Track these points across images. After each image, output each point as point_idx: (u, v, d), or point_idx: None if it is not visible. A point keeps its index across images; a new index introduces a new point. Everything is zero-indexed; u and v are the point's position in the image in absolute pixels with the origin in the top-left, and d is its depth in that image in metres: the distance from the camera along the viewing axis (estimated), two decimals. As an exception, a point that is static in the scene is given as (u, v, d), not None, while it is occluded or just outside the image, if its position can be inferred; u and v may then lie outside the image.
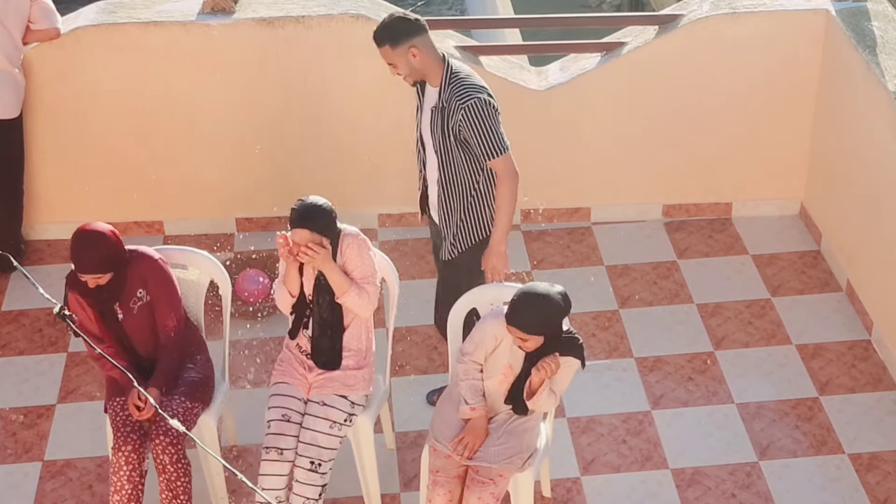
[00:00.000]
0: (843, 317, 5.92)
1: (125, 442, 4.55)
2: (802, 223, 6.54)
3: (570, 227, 6.57)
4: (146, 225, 6.52)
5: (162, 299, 4.64)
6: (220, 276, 4.93)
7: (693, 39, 6.14)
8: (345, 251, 4.60)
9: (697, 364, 5.66)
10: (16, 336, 5.91)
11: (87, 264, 4.46)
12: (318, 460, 4.54)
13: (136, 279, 4.59)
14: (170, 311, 4.65)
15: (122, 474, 4.54)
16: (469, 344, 4.51)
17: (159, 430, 4.57)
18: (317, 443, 4.55)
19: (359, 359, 4.70)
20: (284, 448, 4.56)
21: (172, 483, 4.59)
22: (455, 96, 4.67)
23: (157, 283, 4.64)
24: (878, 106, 5.55)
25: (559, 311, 4.26)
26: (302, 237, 4.48)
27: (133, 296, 4.60)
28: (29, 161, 6.29)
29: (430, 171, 4.91)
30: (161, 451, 4.57)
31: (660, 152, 6.43)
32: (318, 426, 4.58)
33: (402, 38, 4.63)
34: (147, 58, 6.09)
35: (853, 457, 5.16)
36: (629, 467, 5.15)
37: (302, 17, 6.04)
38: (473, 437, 4.42)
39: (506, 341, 4.39)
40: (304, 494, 4.55)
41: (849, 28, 5.88)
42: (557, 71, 6.43)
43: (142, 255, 4.65)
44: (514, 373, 4.39)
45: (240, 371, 5.66)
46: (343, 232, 4.62)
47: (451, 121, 4.69)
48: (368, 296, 4.59)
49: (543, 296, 4.23)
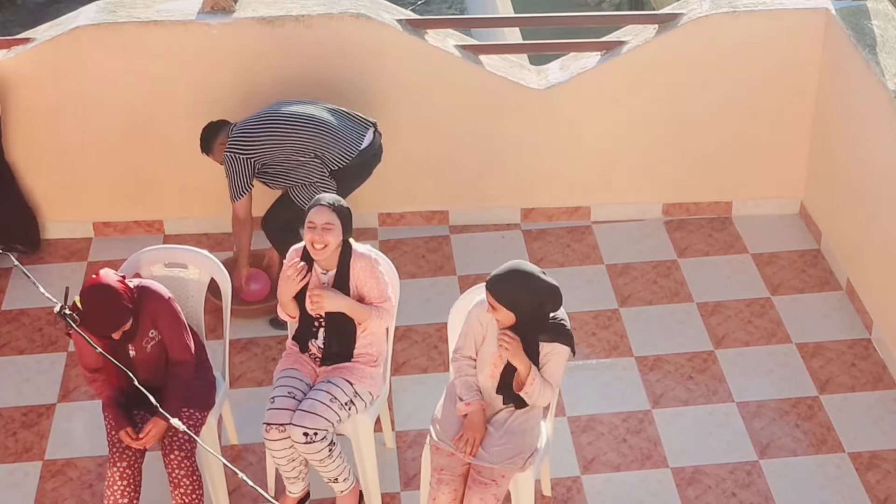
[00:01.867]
0: (843, 315, 5.92)
1: (120, 458, 4.52)
2: (802, 222, 6.54)
3: (570, 226, 6.57)
4: (146, 224, 6.52)
5: (175, 340, 4.57)
6: (220, 275, 4.93)
7: (693, 38, 6.14)
8: (357, 274, 4.65)
9: (697, 363, 5.66)
10: (16, 335, 5.91)
11: (110, 323, 4.32)
12: (314, 429, 4.52)
13: (147, 320, 4.52)
14: (183, 349, 4.59)
15: (116, 489, 4.52)
16: (459, 338, 4.55)
17: (173, 446, 4.55)
18: (314, 410, 4.54)
19: (370, 360, 4.73)
20: (286, 424, 4.56)
21: (188, 497, 4.58)
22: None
23: (168, 323, 4.55)
24: (878, 105, 5.55)
25: (536, 294, 4.25)
26: (320, 215, 4.56)
27: (146, 335, 4.54)
28: (29, 160, 6.29)
29: None
30: (176, 465, 4.55)
31: (660, 151, 6.43)
32: (319, 396, 4.60)
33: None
34: (147, 57, 6.09)
35: (853, 455, 5.16)
36: (629, 466, 5.15)
37: (302, 16, 6.04)
38: (472, 433, 4.42)
39: (491, 328, 4.40)
40: (315, 459, 4.59)
41: (849, 27, 5.88)
42: (557, 70, 6.43)
43: (151, 294, 4.53)
44: (503, 362, 4.40)
45: (239, 370, 5.67)
46: (354, 251, 4.65)
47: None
48: (387, 312, 4.70)
49: (527, 274, 4.25)
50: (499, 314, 4.29)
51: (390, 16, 6.19)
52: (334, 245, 4.59)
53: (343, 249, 4.64)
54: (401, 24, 6.13)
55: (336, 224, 4.57)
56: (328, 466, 4.63)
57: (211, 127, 5.72)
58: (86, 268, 6.30)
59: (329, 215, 4.56)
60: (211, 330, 5.59)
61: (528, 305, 4.26)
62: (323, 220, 4.55)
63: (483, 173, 6.42)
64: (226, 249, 6.39)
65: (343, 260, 4.65)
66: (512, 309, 4.26)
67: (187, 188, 6.45)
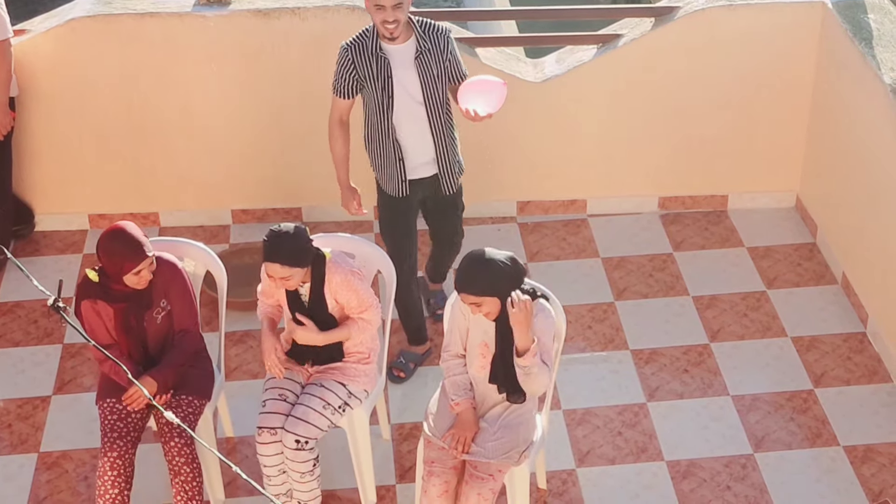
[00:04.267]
0: (838, 309, 5.92)
1: (112, 447, 4.52)
2: (798, 216, 6.55)
3: (565, 220, 6.57)
4: (142, 216, 6.51)
5: (184, 310, 4.61)
6: (215, 268, 4.92)
7: (689, 32, 6.14)
8: (333, 286, 4.58)
9: (693, 356, 5.66)
10: (11, 327, 5.90)
11: (136, 254, 4.37)
12: (305, 437, 4.53)
13: (159, 289, 4.55)
14: (190, 319, 4.63)
15: (107, 479, 4.51)
16: (446, 335, 4.54)
17: (173, 433, 4.54)
18: (306, 418, 4.54)
19: (362, 357, 4.72)
20: (278, 427, 4.56)
21: (188, 484, 4.57)
22: (434, 33, 5.01)
23: (179, 293, 4.60)
24: (875, 98, 5.55)
25: (505, 271, 4.25)
26: (274, 271, 4.45)
27: (157, 305, 4.57)
28: (24, 152, 6.28)
29: (414, 131, 5.07)
30: (176, 452, 4.55)
31: (656, 144, 6.43)
32: (312, 403, 4.59)
33: None
34: (143, 49, 6.08)
35: (848, 449, 5.16)
36: (624, 459, 5.15)
37: (298, 8, 6.03)
38: (462, 431, 4.41)
39: (473, 318, 4.40)
40: (298, 470, 4.58)
41: (845, 20, 5.88)
42: (554, 63, 6.43)
43: (164, 263, 4.58)
44: (490, 351, 4.39)
45: (234, 362, 5.66)
46: (328, 262, 4.56)
47: (444, 55, 5.00)
48: (368, 322, 4.63)
49: (487, 259, 4.25)
50: (484, 307, 4.27)
51: (387, 8, 6.17)
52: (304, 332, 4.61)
53: (315, 263, 4.55)
54: (397, 16, 6.12)
55: (290, 271, 4.45)
56: (306, 484, 4.62)
57: None
58: (81, 260, 6.30)
59: (282, 269, 4.44)
60: (206, 322, 5.59)
61: (503, 282, 4.24)
62: (278, 274, 4.45)
63: (479, 166, 6.41)
64: (221, 242, 6.39)
65: (316, 274, 4.57)
66: (493, 294, 4.24)
67: (183, 180, 6.44)
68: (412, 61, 4.98)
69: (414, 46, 4.97)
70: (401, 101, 5.01)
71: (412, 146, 5.11)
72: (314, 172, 6.29)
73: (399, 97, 5.01)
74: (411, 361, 5.53)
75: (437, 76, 5.01)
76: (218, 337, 5.02)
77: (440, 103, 5.07)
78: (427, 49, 4.97)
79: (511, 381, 4.37)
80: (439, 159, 5.17)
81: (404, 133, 5.08)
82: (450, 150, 5.18)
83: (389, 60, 4.97)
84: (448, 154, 5.17)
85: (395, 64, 4.97)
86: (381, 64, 4.96)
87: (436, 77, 5.01)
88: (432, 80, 5.01)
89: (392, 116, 5.03)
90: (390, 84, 4.98)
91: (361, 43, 4.99)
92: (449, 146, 5.17)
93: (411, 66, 4.98)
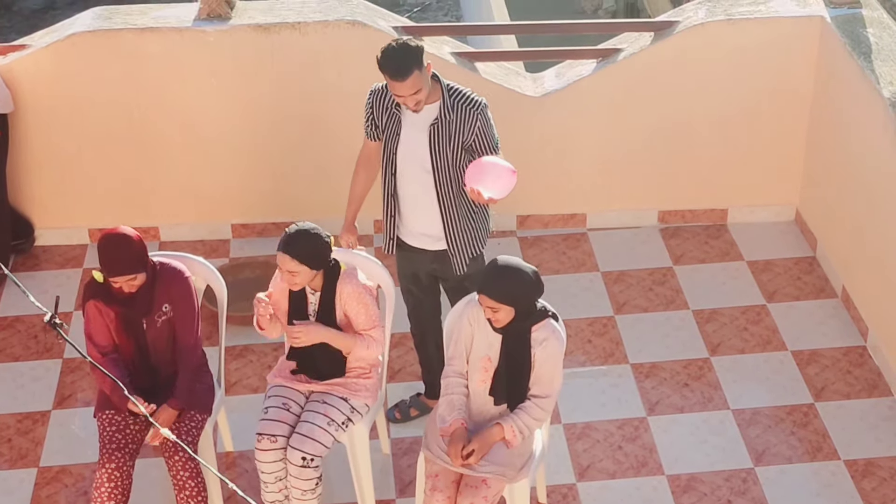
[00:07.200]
0: (838, 323, 5.92)
1: (109, 459, 4.51)
2: (798, 229, 6.55)
3: (565, 234, 6.57)
4: (141, 231, 6.45)
5: (187, 318, 4.61)
6: (215, 282, 4.93)
7: (688, 46, 6.15)
8: (344, 298, 4.60)
9: (693, 370, 5.66)
10: (11, 342, 5.90)
11: (121, 265, 4.41)
12: (311, 455, 4.52)
13: (163, 294, 4.56)
14: (192, 330, 4.63)
15: (104, 490, 4.50)
16: (451, 345, 4.55)
17: (177, 447, 4.53)
18: (312, 435, 4.54)
19: (363, 372, 4.72)
20: (278, 435, 4.56)
21: (194, 499, 4.57)
22: (464, 104, 4.66)
23: (184, 301, 4.60)
24: (874, 112, 5.56)
25: (530, 284, 4.30)
26: (284, 261, 4.48)
27: (159, 310, 4.58)
28: (24, 166, 6.29)
29: (419, 196, 4.81)
30: (181, 467, 4.54)
31: (655, 158, 6.44)
32: (317, 420, 4.58)
33: (422, 59, 4.54)
34: (143, 64, 6.09)
35: (848, 463, 5.16)
36: (624, 473, 5.14)
37: (298, 23, 6.05)
38: (455, 447, 4.40)
39: (480, 328, 4.41)
40: (301, 487, 4.57)
41: (844, 35, 5.89)
42: (553, 77, 6.44)
43: (172, 270, 4.60)
44: (492, 365, 4.40)
45: (234, 377, 5.66)
46: (342, 273, 4.59)
47: (464, 129, 4.66)
48: (375, 341, 4.64)
49: (515, 268, 4.30)
50: (499, 313, 4.30)
51: (386, 23, 6.19)
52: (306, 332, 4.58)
53: (329, 272, 4.56)
54: (397, 31, 6.13)
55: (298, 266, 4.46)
56: (307, 502, 4.60)
57: (412, 42, 4.59)
58: (81, 274, 6.30)
59: (290, 262, 4.46)
60: (206, 336, 5.58)
61: (525, 295, 4.31)
62: (287, 266, 4.48)
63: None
64: (221, 256, 6.39)
65: (329, 281, 4.58)
66: (512, 304, 4.28)
67: (183, 195, 6.45)
68: (426, 126, 4.68)
69: (434, 114, 4.66)
70: (406, 162, 4.74)
71: (412, 211, 4.83)
72: (314, 187, 6.30)
73: (403, 158, 4.74)
74: (416, 409, 5.40)
75: (452, 148, 4.68)
76: (218, 351, 5.02)
77: (453, 177, 4.72)
78: (448, 120, 4.65)
79: (510, 396, 4.40)
80: (449, 236, 4.82)
81: (405, 194, 4.81)
82: (463, 228, 4.81)
83: (401, 119, 4.72)
84: (459, 232, 4.81)
85: (405, 123, 4.71)
86: (392, 119, 4.74)
87: (450, 149, 4.68)
88: (444, 150, 4.68)
89: (395, 172, 4.80)
90: (395, 142, 4.74)
91: (384, 91, 4.75)
92: (463, 224, 4.81)
93: (423, 130, 4.69)
